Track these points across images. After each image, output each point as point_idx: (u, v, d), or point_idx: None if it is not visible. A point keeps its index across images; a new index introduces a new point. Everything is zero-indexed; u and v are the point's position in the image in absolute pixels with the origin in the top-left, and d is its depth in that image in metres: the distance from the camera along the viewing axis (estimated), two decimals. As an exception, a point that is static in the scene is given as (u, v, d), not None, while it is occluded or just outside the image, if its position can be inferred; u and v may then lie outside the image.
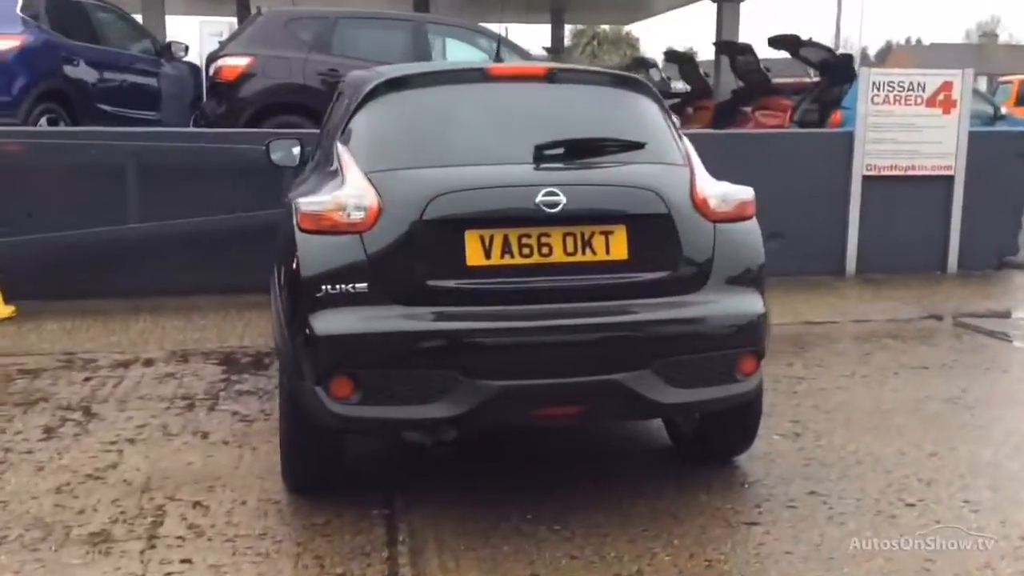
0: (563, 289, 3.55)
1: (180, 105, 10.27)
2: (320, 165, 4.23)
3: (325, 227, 3.54)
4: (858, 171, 8.61)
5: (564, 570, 3.39)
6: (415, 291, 3.48)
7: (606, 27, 40.96)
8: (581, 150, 3.75)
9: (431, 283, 3.48)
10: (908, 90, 8.58)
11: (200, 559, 3.47)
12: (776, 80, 15.02)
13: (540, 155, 3.68)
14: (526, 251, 3.52)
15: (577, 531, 3.66)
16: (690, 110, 15.70)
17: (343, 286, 3.47)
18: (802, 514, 3.83)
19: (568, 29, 35.03)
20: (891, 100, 8.57)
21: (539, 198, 3.50)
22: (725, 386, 3.69)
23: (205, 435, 4.70)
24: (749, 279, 3.81)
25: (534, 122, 3.91)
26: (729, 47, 16.09)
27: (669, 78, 20.65)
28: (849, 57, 13.85)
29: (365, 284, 3.47)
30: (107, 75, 9.14)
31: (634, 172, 3.76)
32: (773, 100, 13.94)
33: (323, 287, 3.48)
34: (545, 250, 3.53)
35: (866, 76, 8.63)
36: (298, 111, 8.47)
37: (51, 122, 8.35)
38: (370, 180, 3.60)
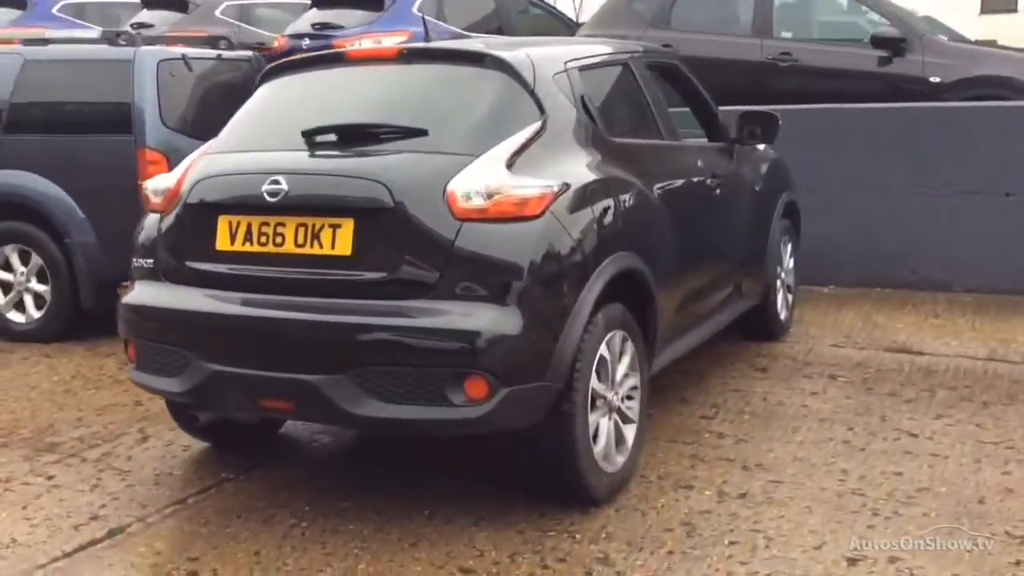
0: (290, 281, 3.45)
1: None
2: None
3: (147, 207, 3.92)
4: None
5: (229, 562, 3.37)
6: (180, 271, 3.70)
7: None
8: (354, 136, 3.54)
9: (190, 264, 3.66)
10: None
11: (62, 478, 4.13)
12: None
13: (312, 142, 3.57)
14: (263, 239, 3.50)
15: (320, 537, 3.55)
16: None
17: (141, 261, 3.84)
18: (535, 578, 3.18)
19: None
20: None
21: (264, 186, 3.45)
22: (435, 408, 3.23)
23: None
24: (498, 290, 3.24)
25: (343, 107, 3.77)
26: None
27: None
28: None
29: (151, 261, 3.79)
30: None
31: (364, 162, 3.44)
32: None
33: (133, 260, 3.88)
34: (279, 240, 3.46)
35: None
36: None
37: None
38: (191, 165, 3.87)
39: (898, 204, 6.87)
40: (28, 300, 6.40)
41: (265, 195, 3.44)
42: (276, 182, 3.43)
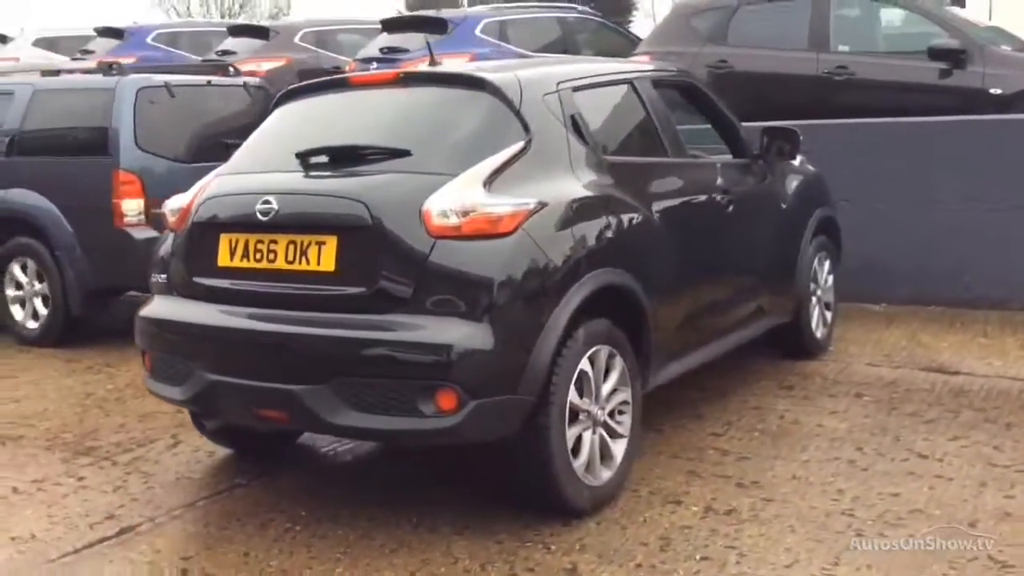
0: (281, 295, 3.63)
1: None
2: None
3: (167, 224, 4.16)
4: None
5: (219, 562, 3.55)
6: (188, 286, 3.91)
7: None
8: (343, 157, 3.71)
9: (197, 279, 3.88)
10: None
11: (91, 479, 4.40)
12: None
13: (306, 163, 3.75)
14: (257, 256, 3.69)
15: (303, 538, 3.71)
16: None
17: (157, 276, 4.08)
18: (500, 586, 3.26)
19: None
20: None
21: (257, 205, 3.64)
22: (407, 419, 3.36)
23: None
24: (470, 305, 3.34)
25: (340, 130, 3.94)
26: None
27: None
28: None
29: (165, 276, 4.02)
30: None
31: (347, 182, 3.60)
32: None
33: (151, 275, 4.13)
34: (272, 256, 3.65)
35: None
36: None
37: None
38: (204, 185, 4.09)
39: (949, 219, 6.70)
40: (33, 309, 6.98)
41: (258, 214, 3.63)
42: (268, 202, 3.62)
